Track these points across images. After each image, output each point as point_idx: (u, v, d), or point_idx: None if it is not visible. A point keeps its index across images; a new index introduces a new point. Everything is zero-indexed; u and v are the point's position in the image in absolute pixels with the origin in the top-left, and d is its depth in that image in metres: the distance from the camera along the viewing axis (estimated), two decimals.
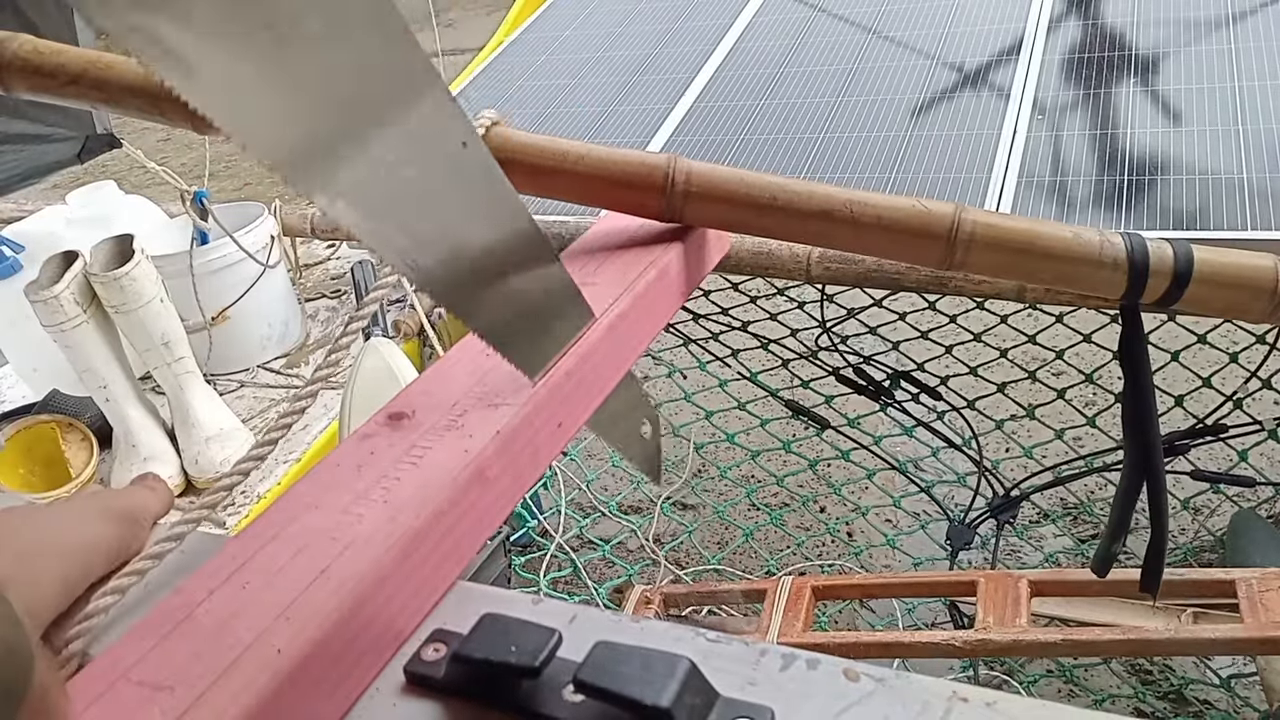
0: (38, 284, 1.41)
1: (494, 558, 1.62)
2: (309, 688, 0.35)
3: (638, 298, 0.55)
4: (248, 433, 1.60)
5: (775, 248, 1.46)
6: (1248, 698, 1.71)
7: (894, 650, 1.33)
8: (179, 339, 1.52)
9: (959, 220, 0.55)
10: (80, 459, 1.62)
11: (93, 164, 2.03)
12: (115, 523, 0.45)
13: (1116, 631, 1.19)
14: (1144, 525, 0.63)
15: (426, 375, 0.51)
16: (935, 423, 1.94)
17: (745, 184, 0.57)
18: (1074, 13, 1.93)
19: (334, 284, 2.08)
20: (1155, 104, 1.61)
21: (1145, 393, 0.60)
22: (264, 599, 0.37)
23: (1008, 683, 1.85)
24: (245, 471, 0.47)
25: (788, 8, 2.23)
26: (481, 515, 0.44)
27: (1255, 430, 1.68)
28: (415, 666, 0.37)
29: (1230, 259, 0.55)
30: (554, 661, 0.34)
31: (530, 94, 2.16)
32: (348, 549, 0.39)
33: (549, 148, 0.58)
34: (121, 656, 0.35)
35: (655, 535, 2.40)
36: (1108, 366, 1.86)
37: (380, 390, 1.30)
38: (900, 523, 2.24)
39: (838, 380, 1.97)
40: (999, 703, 0.32)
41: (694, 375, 2.22)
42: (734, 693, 0.34)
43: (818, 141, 1.72)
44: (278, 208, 1.90)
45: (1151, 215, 1.38)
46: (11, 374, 1.92)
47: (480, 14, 6.70)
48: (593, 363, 0.51)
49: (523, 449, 0.46)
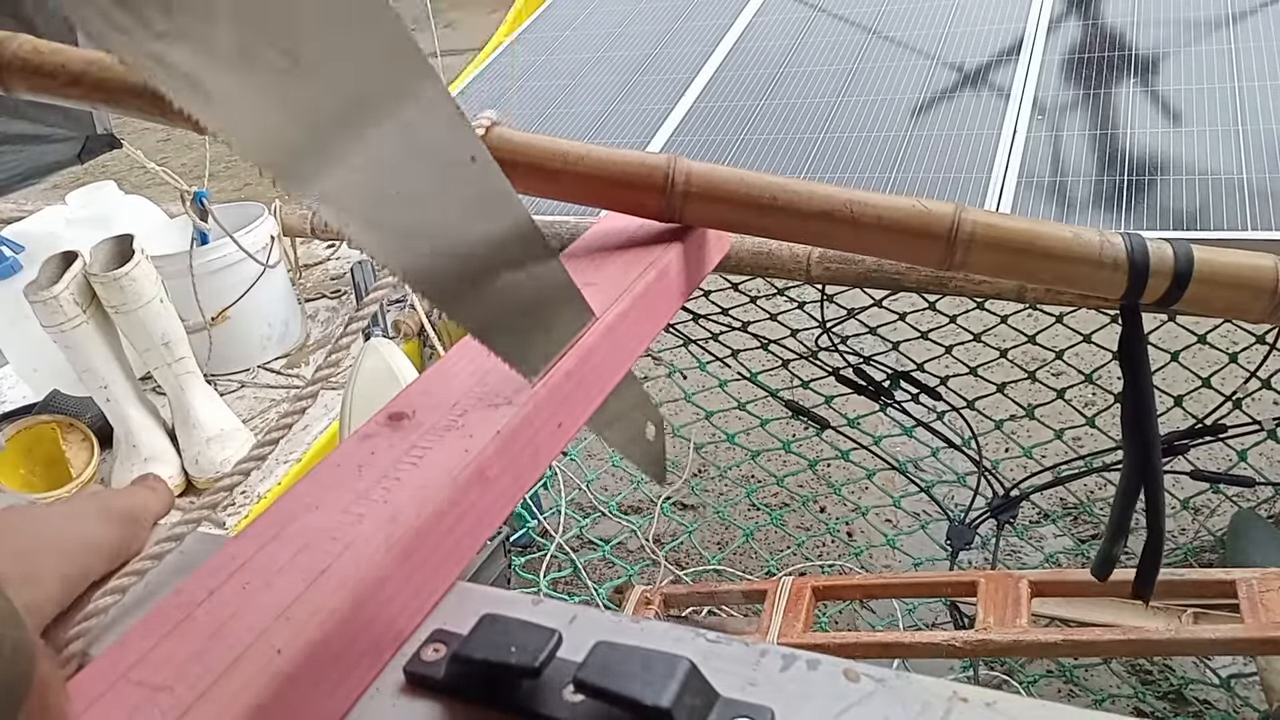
0: (38, 284, 1.41)
1: (494, 558, 1.62)
2: (309, 688, 0.35)
3: (638, 298, 0.55)
4: (248, 433, 1.60)
5: (775, 248, 1.46)
6: (1248, 698, 1.71)
7: (894, 650, 1.33)
8: (179, 339, 1.52)
9: (959, 220, 0.55)
10: (81, 459, 1.62)
11: (93, 164, 2.03)
12: (115, 523, 0.45)
13: (1117, 632, 1.19)
14: (1144, 526, 0.63)
15: (426, 375, 0.51)
16: (935, 423, 1.94)
17: (745, 184, 0.57)
18: (1074, 13, 1.93)
19: (334, 284, 2.08)
20: (1155, 104, 1.61)
21: (1145, 393, 0.60)
22: (264, 599, 0.37)
23: (1008, 683, 1.85)
24: (246, 472, 0.47)
25: (788, 8, 2.23)
26: (481, 515, 0.44)
27: (1255, 430, 1.68)
28: (415, 667, 0.37)
29: (1230, 259, 0.55)
30: (554, 662, 0.34)
31: (530, 94, 2.16)
32: (348, 549, 0.39)
33: (549, 148, 0.58)
34: (121, 656, 0.35)
35: (655, 535, 2.40)
36: (1107, 367, 1.86)
37: (380, 390, 1.30)
38: (900, 523, 2.24)
39: (838, 380, 1.97)
40: (999, 703, 0.32)
41: (694, 375, 2.22)
42: (734, 693, 0.34)
43: (818, 141, 1.72)
44: (278, 208, 1.89)
45: (1151, 215, 1.38)
46: (11, 374, 1.92)
47: (480, 14, 6.69)
48: (593, 363, 0.51)
49: (523, 449, 0.46)
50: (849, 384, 1.95)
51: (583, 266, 0.58)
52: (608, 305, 0.53)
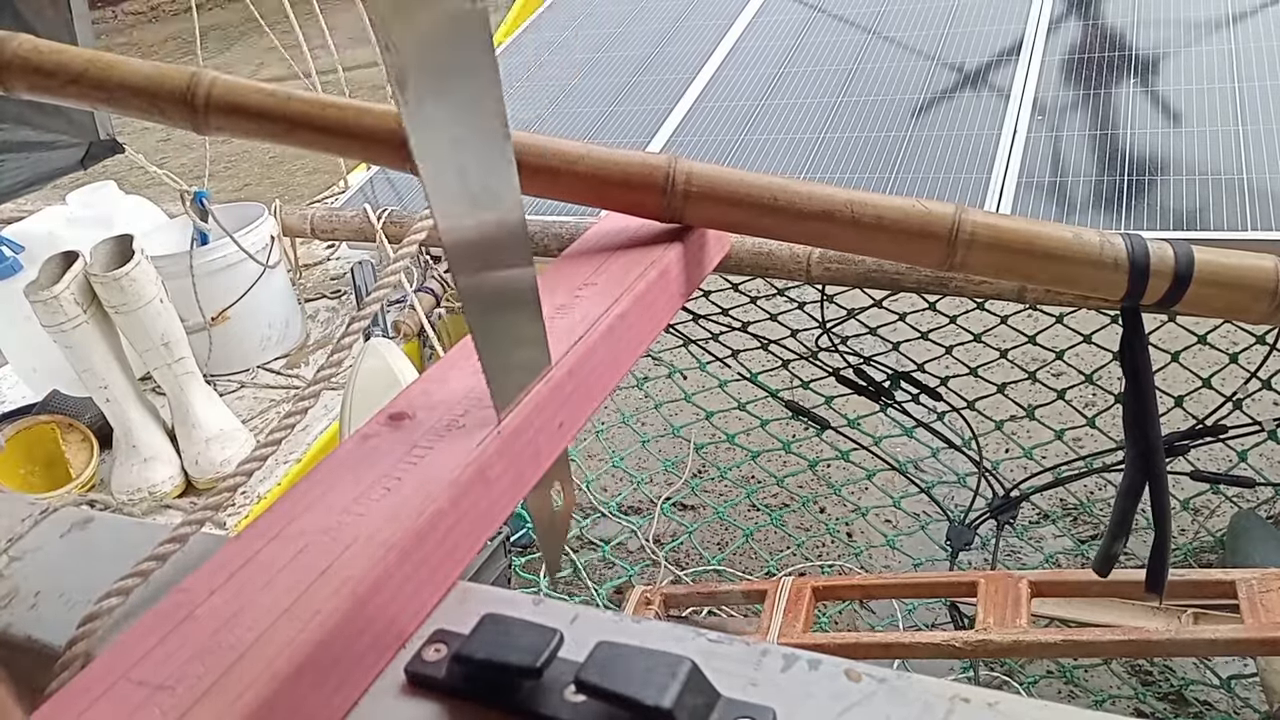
0: (38, 284, 1.41)
1: (494, 558, 1.62)
2: (310, 688, 0.35)
3: (638, 298, 0.55)
4: (248, 433, 1.60)
5: (775, 248, 1.46)
6: (1248, 698, 1.71)
7: (894, 651, 1.33)
8: (179, 339, 1.52)
9: (959, 221, 0.55)
10: (80, 459, 1.62)
11: None
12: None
13: (1117, 632, 1.19)
14: (1144, 526, 0.63)
15: (427, 375, 0.51)
16: (935, 423, 1.94)
17: (746, 184, 0.57)
18: (1074, 13, 1.93)
19: (334, 284, 2.08)
20: (1155, 104, 1.61)
21: (1146, 393, 0.60)
22: (264, 599, 0.37)
23: (1008, 683, 1.85)
24: (249, 472, 0.47)
25: (788, 8, 2.23)
26: (482, 515, 0.43)
27: (1255, 431, 1.68)
28: (416, 667, 0.37)
29: (1230, 260, 0.55)
30: (555, 662, 0.34)
31: (530, 94, 2.16)
32: (348, 549, 0.38)
33: (549, 148, 0.58)
34: (122, 656, 0.35)
35: (655, 536, 2.39)
36: (1108, 367, 1.86)
37: (380, 390, 1.30)
38: (900, 523, 2.24)
39: (838, 381, 1.97)
40: (1001, 703, 0.32)
41: (694, 376, 2.22)
42: (735, 693, 0.33)
43: (818, 142, 1.72)
44: (278, 208, 1.89)
45: (1151, 215, 1.38)
46: (11, 374, 1.92)
47: None
48: (593, 363, 0.51)
49: (523, 449, 0.46)
50: (849, 384, 1.95)
51: (583, 266, 0.58)
52: (608, 305, 0.53)
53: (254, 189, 5.18)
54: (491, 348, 0.45)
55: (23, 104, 1.56)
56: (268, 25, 2.62)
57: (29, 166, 1.82)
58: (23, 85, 0.58)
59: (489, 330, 0.45)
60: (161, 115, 0.58)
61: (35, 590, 0.47)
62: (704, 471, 2.54)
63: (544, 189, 0.58)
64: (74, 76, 0.58)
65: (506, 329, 0.46)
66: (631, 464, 2.52)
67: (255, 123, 0.57)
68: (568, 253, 0.60)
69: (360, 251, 1.93)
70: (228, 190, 5.13)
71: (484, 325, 0.44)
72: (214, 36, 7.93)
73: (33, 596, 0.47)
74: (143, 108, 0.58)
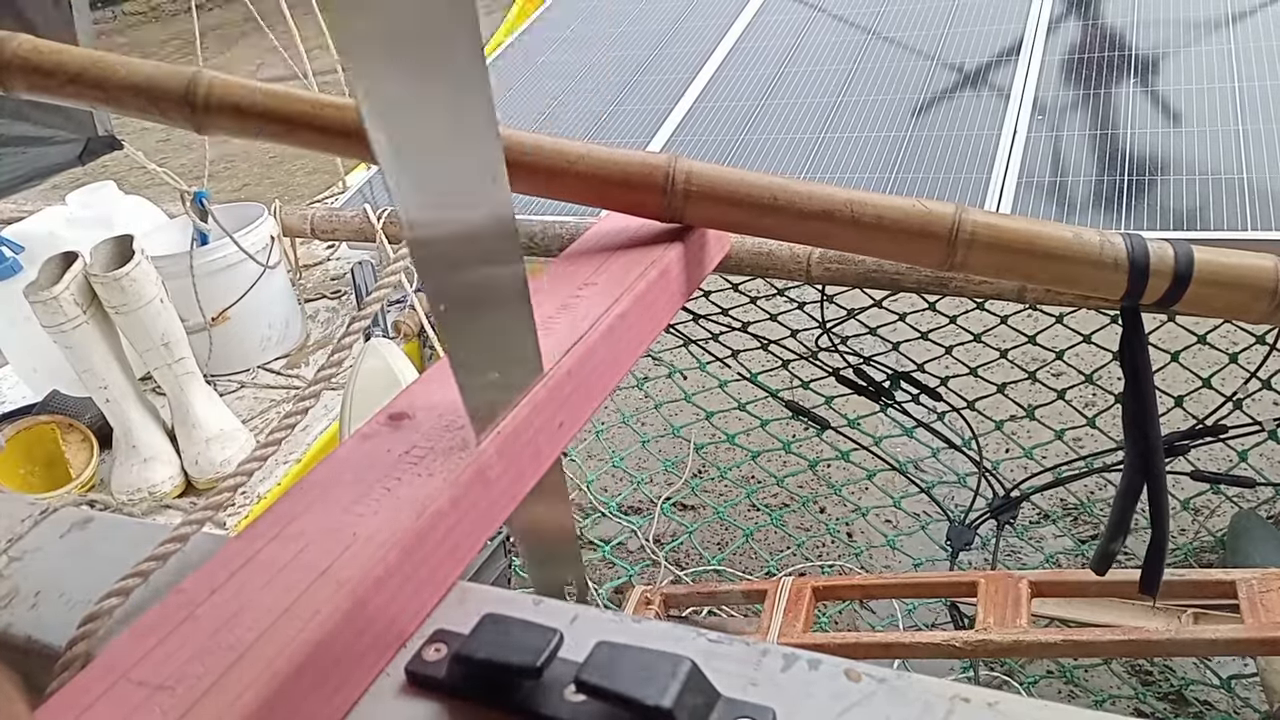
0: (38, 284, 1.41)
1: (494, 558, 1.62)
2: (310, 688, 0.35)
3: (638, 298, 0.55)
4: (248, 433, 1.60)
5: (775, 248, 1.46)
6: (1248, 698, 1.71)
7: (894, 651, 1.33)
8: (179, 339, 1.52)
9: (959, 220, 0.55)
10: (80, 459, 1.62)
11: (92, 164, 2.03)
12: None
13: (1117, 632, 1.19)
14: (1144, 526, 0.63)
15: (427, 376, 0.51)
16: (935, 423, 1.94)
17: (746, 184, 0.57)
18: (1074, 13, 1.93)
19: (334, 284, 2.08)
20: (1155, 104, 1.61)
21: (1146, 393, 0.60)
22: (264, 599, 0.37)
23: (1008, 683, 1.85)
24: (249, 473, 0.47)
25: (788, 8, 2.23)
26: (481, 515, 0.43)
27: (1255, 431, 1.68)
28: (417, 666, 0.37)
29: (1230, 259, 0.55)
30: (555, 662, 0.34)
31: (530, 94, 2.16)
32: (348, 549, 0.38)
33: (549, 148, 0.58)
34: (122, 656, 0.35)
35: (655, 536, 2.39)
36: (1108, 367, 1.86)
37: (380, 391, 1.30)
38: (900, 523, 2.24)
39: (838, 381, 1.97)
40: (1001, 703, 0.32)
41: (694, 376, 2.22)
42: (735, 693, 0.33)
43: (818, 142, 1.72)
44: (278, 208, 1.89)
45: (1151, 215, 1.38)
46: (11, 374, 1.92)
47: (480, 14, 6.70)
48: (593, 363, 0.51)
49: (523, 449, 0.46)
50: (849, 384, 1.95)
51: (583, 266, 0.58)
52: (608, 305, 0.53)
53: (254, 189, 5.18)
54: (465, 362, 0.42)
55: (20, 99, 1.56)
56: (267, 25, 2.62)
57: (26, 162, 1.82)
58: (22, 85, 0.59)
59: (463, 342, 0.42)
60: (161, 115, 0.58)
61: (35, 590, 0.47)
62: (704, 471, 2.54)
63: (544, 189, 0.58)
64: (73, 76, 0.58)
65: (484, 341, 0.43)
66: (631, 464, 2.52)
67: (255, 123, 0.57)
68: (568, 253, 0.60)
69: (360, 252, 1.94)
70: (228, 190, 5.13)
71: (458, 337, 0.42)
72: (214, 36, 7.93)
73: (33, 596, 0.47)
74: (143, 108, 0.58)
